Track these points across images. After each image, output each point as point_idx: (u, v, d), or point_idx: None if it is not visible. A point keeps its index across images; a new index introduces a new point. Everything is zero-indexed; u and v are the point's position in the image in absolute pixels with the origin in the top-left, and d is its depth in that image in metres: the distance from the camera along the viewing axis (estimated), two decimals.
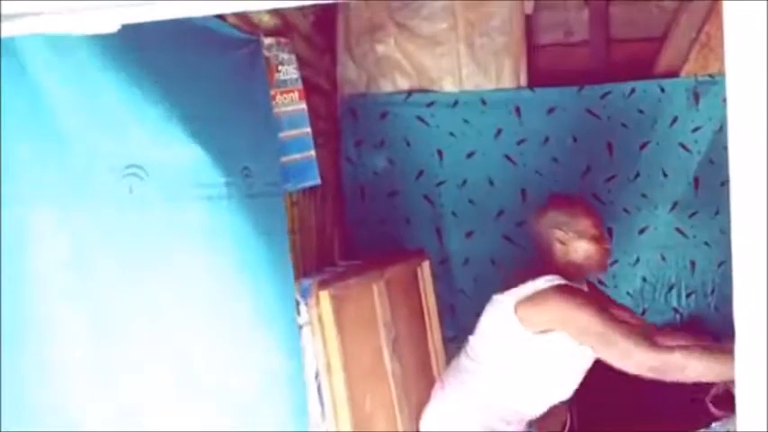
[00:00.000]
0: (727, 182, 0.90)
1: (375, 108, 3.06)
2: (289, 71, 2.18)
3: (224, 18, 1.86)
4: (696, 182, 3.02)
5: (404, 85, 3.07)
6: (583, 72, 3.07)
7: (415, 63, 3.06)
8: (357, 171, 3.10)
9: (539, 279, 2.10)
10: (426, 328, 2.80)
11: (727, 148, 0.90)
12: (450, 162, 3.07)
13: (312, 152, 2.29)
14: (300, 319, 2.04)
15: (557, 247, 2.20)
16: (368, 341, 2.30)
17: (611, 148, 3.03)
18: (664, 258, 3.08)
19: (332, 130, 3.01)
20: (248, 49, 1.97)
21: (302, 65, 2.28)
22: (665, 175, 3.03)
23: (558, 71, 3.08)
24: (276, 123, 2.09)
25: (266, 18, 2.15)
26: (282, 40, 2.18)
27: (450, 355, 2.63)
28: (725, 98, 0.89)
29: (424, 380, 2.59)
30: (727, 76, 0.89)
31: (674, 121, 3.00)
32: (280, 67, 2.14)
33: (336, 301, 2.07)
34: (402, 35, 3.03)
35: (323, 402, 2.05)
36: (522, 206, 3.05)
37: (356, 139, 3.09)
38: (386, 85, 3.07)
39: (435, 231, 3.11)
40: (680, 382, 1.95)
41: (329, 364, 2.04)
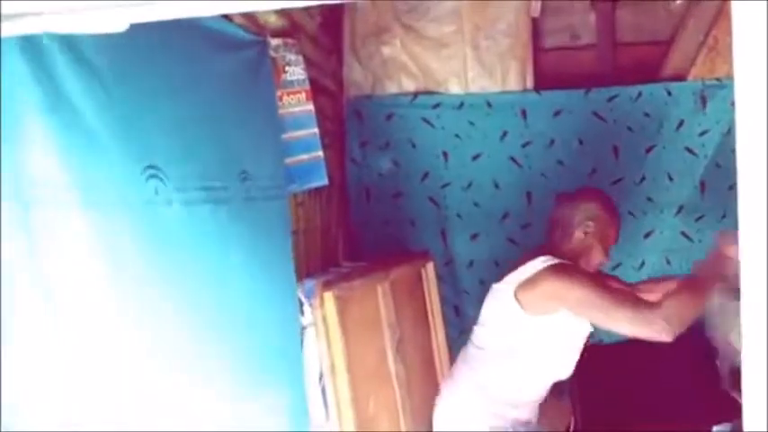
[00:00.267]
0: (733, 186, 0.90)
1: (381, 109, 3.06)
2: (296, 72, 2.18)
3: (230, 18, 1.86)
4: (702, 186, 3.01)
5: (410, 86, 3.07)
6: (589, 75, 3.07)
7: (421, 65, 3.06)
8: (362, 172, 3.10)
9: (536, 260, 2.13)
10: (430, 330, 2.80)
11: (734, 152, 0.90)
12: (456, 164, 3.07)
13: (320, 153, 2.29)
14: (304, 320, 2.04)
15: (577, 235, 2.22)
16: (372, 342, 2.30)
17: (617, 151, 3.03)
18: (669, 262, 3.07)
19: (337, 132, 3.01)
20: (255, 50, 1.97)
21: (308, 66, 2.28)
22: (670, 178, 3.02)
23: (565, 74, 3.08)
24: (280, 125, 2.09)
25: (273, 19, 2.16)
26: (289, 40, 2.18)
27: (454, 356, 2.63)
28: (732, 102, 0.89)
29: (428, 381, 2.59)
30: (735, 79, 0.89)
31: (680, 124, 2.99)
32: (287, 68, 2.14)
33: (341, 302, 2.07)
34: (408, 37, 3.03)
35: (327, 403, 2.05)
36: (527, 209, 3.04)
37: (361, 141, 3.09)
38: (392, 87, 3.08)
39: (440, 233, 3.11)
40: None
41: (333, 365, 2.04)
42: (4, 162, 1.17)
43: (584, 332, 2.17)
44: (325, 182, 2.35)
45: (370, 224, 3.10)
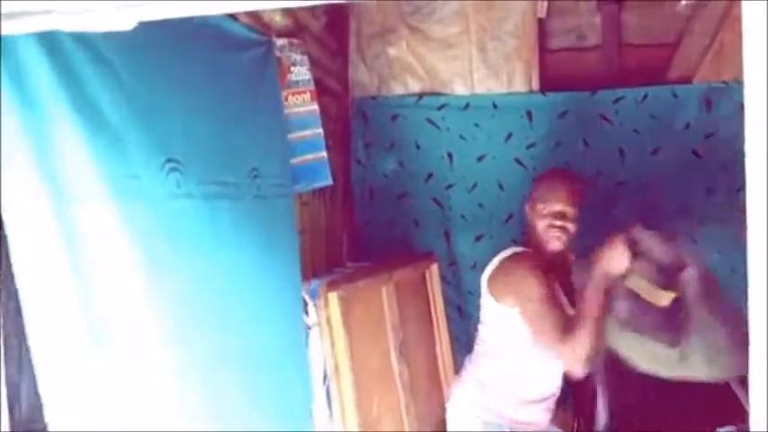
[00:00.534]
0: (740, 189, 0.90)
1: (386, 110, 3.06)
2: (301, 72, 2.18)
3: (236, 18, 1.87)
4: (708, 189, 3.00)
5: (415, 87, 3.07)
6: (595, 77, 3.06)
7: (426, 66, 3.06)
8: (367, 173, 3.10)
9: (503, 251, 2.18)
10: (434, 331, 2.79)
11: (740, 155, 0.89)
12: (460, 165, 3.06)
13: (324, 153, 2.29)
14: (309, 320, 2.03)
15: (528, 218, 2.24)
16: (376, 343, 2.30)
17: (622, 153, 3.02)
18: None
19: (342, 132, 3.01)
20: (261, 50, 1.98)
21: (313, 66, 2.29)
22: (676, 181, 3.00)
23: (570, 76, 3.07)
24: (287, 124, 2.10)
25: (278, 19, 2.16)
26: (295, 41, 2.18)
27: (458, 357, 2.62)
28: (738, 105, 0.89)
29: (432, 382, 2.59)
30: (744, 81, 0.88)
31: (686, 127, 2.98)
32: (292, 68, 2.15)
33: (345, 302, 2.07)
34: (414, 38, 3.03)
35: (331, 404, 2.04)
36: None
37: (366, 141, 3.09)
38: (397, 88, 3.08)
39: (444, 234, 3.10)
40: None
41: (337, 366, 2.04)
42: (39, 163, 1.19)
43: (565, 303, 2.13)
44: (329, 182, 2.35)
45: (375, 225, 3.09)
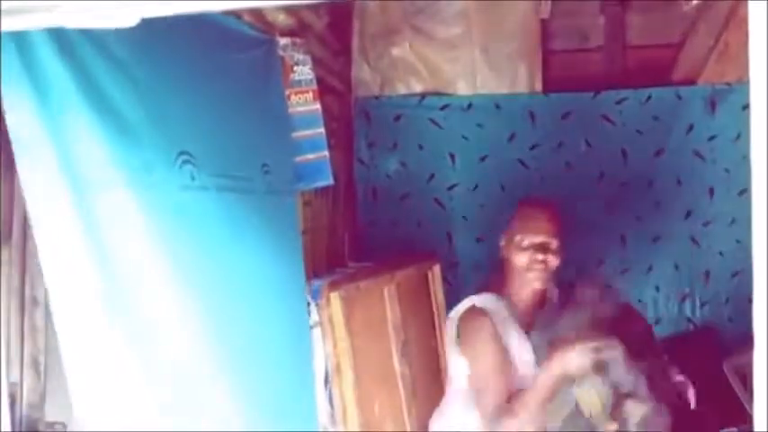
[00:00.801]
0: (743, 191, 0.89)
1: (389, 110, 3.06)
2: (304, 71, 2.18)
3: (239, 16, 1.87)
4: (711, 191, 2.99)
5: (418, 87, 3.07)
6: (598, 77, 3.06)
7: (429, 66, 3.06)
8: (369, 173, 3.09)
9: (473, 297, 2.16)
10: (436, 332, 2.79)
11: (743, 158, 0.88)
12: (463, 166, 3.06)
13: (326, 152, 2.29)
14: (310, 320, 2.03)
15: (504, 256, 2.18)
16: (377, 344, 2.30)
17: (625, 154, 3.01)
18: (677, 267, 3.05)
19: (345, 132, 3.00)
20: (264, 49, 1.98)
21: (316, 65, 2.28)
22: (679, 183, 3.00)
23: (573, 76, 3.07)
24: (290, 122, 2.10)
25: (281, 18, 2.16)
26: (298, 40, 2.18)
27: None
28: (742, 106, 0.88)
29: (433, 383, 2.58)
30: (750, 82, 0.87)
31: (689, 128, 2.97)
32: (295, 68, 2.14)
33: (347, 302, 2.07)
34: (417, 38, 3.03)
35: (332, 404, 2.04)
36: None
37: (369, 141, 3.09)
38: (400, 88, 3.08)
39: (446, 235, 3.10)
40: None
41: (339, 366, 2.04)
42: (57, 150, 1.20)
43: (529, 361, 2.11)
44: (330, 181, 2.34)
45: (377, 225, 3.09)
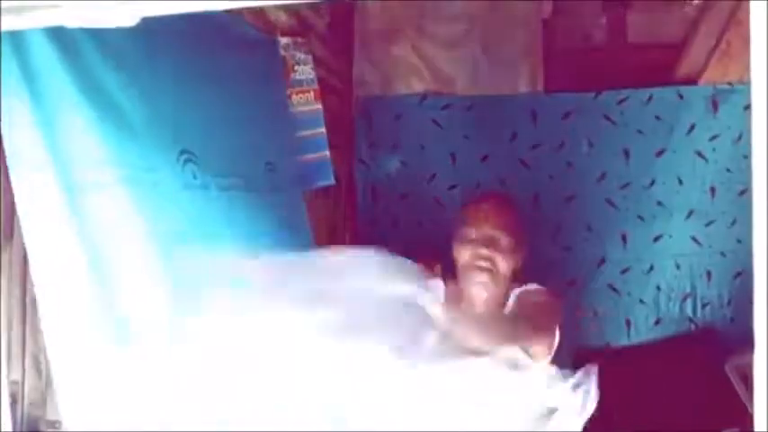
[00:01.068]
0: (744, 191, 0.89)
1: (390, 110, 3.05)
2: (305, 71, 2.18)
3: (241, 16, 1.87)
4: (712, 191, 2.98)
5: (419, 87, 3.06)
6: (600, 77, 3.05)
7: (431, 66, 3.05)
8: (370, 172, 3.09)
9: None
10: None
11: (745, 158, 0.88)
12: (464, 165, 3.05)
13: (327, 152, 2.29)
14: None
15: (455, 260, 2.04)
16: None
17: (627, 154, 3.01)
18: (678, 267, 3.04)
19: (345, 132, 3.00)
20: (266, 48, 1.98)
21: (317, 65, 2.28)
22: (680, 182, 2.99)
23: (575, 76, 3.07)
24: (293, 122, 2.10)
25: (283, 17, 2.16)
26: (299, 39, 2.18)
27: None
28: (744, 106, 0.88)
29: None
30: (751, 82, 0.87)
31: (691, 128, 2.97)
32: (296, 67, 2.15)
33: None
34: (419, 38, 3.03)
35: None
36: (536, 211, 3.02)
37: (370, 141, 3.08)
38: (401, 88, 3.07)
39: (446, 235, 3.09)
40: None
41: None
42: (51, 152, 1.19)
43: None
44: (331, 181, 2.35)
45: (377, 224, 3.09)
